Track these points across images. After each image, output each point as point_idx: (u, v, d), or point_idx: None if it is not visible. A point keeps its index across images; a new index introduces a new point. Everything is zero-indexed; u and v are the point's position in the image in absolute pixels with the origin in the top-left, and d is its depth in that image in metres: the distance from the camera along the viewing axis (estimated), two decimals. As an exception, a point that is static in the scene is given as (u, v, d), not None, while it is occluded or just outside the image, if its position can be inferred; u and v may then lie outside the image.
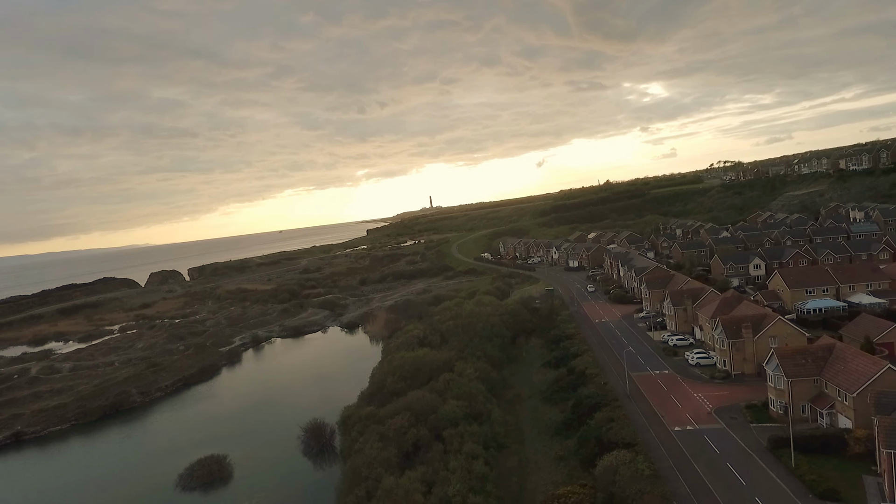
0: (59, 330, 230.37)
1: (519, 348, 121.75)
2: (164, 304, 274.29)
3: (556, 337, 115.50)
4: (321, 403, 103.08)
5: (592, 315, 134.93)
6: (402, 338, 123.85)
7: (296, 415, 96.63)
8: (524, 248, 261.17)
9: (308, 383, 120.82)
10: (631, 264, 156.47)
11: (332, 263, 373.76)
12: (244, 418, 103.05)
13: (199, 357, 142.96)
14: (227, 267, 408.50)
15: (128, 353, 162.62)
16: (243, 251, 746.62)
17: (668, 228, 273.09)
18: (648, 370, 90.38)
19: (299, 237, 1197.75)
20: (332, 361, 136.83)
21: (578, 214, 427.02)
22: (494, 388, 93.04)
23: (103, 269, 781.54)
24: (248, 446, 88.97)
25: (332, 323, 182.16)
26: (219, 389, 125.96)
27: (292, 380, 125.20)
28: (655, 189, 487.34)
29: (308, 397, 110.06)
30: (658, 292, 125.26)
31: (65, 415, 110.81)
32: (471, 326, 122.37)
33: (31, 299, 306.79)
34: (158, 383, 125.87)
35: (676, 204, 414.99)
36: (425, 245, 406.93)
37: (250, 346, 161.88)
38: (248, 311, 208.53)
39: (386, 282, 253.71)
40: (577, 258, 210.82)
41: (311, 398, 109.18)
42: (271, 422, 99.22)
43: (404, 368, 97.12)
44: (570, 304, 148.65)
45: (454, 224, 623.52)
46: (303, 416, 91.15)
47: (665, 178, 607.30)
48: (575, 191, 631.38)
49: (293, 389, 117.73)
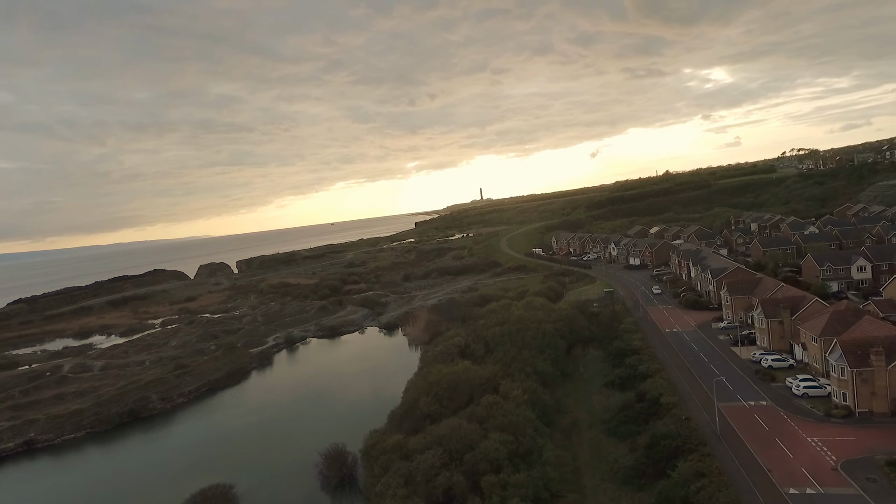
0: (104, 322, 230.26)
1: (575, 361, 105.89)
2: (208, 298, 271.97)
3: (620, 350, 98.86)
4: (347, 420, 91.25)
5: (661, 323, 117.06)
6: (441, 345, 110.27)
7: (317, 434, 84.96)
8: (579, 243, 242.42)
9: (336, 394, 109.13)
10: (704, 264, 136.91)
11: (376, 257, 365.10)
12: (260, 436, 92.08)
13: (227, 359, 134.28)
14: (275, 260, 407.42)
15: (160, 351, 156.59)
16: (294, 243, 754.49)
17: (740, 222, 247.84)
18: (740, 400, 72.84)
19: (350, 229, 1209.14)
20: (366, 368, 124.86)
21: (637, 207, 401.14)
22: (547, 414, 78.01)
23: (165, 260, 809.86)
24: (260, 473, 77.58)
25: (370, 323, 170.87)
26: (242, 398, 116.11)
27: (320, 389, 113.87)
28: (722, 179, 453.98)
29: (333, 412, 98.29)
30: (742, 299, 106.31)
31: (80, 422, 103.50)
32: (519, 335, 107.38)
33: (84, 290, 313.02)
34: (181, 388, 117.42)
35: (747, 195, 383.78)
36: (473, 239, 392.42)
37: (284, 346, 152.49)
38: (286, 308, 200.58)
39: (430, 278, 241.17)
40: (640, 255, 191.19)
41: (336, 413, 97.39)
42: (289, 442, 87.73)
43: (441, 386, 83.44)
44: (633, 308, 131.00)
45: (504, 217, 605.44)
46: (325, 437, 79.15)
47: (732, 167, 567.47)
48: (632, 182, 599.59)
49: (319, 400, 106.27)
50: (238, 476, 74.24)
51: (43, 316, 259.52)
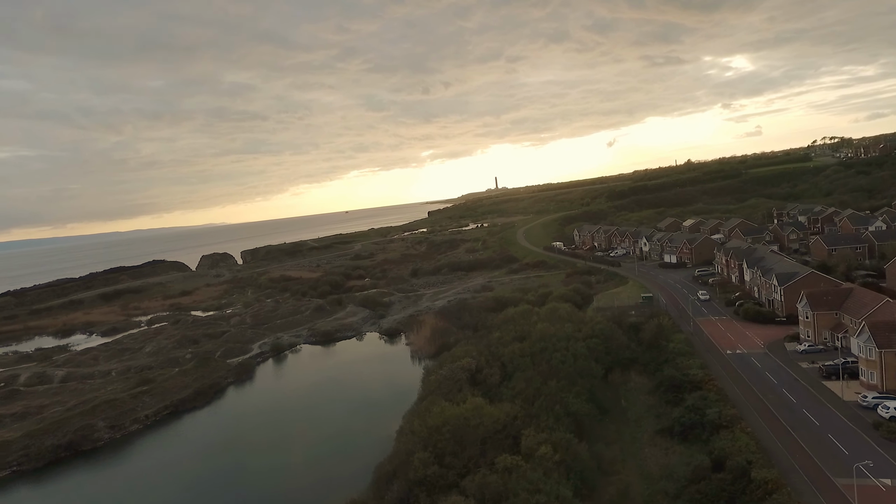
0: (90, 319, 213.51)
1: (614, 390, 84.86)
2: (204, 292, 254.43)
3: (675, 381, 77.41)
4: (325, 467, 71.82)
5: (719, 341, 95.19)
6: (447, 366, 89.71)
7: (286, 490, 65.53)
8: (605, 237, 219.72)
9: (318, 426, 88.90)
10: (764, 266, 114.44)
11: (385, 249, 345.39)
12: (214, 482, 72.65)
13: (199, 373, 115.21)
14: (280, 250, 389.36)
15: (132, 358, 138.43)
16: (307, 232, 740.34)
17: (784, 215, 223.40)
18: (869, 476, 50.76)
19: (364, 217, 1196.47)
20: (357, 388, 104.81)
21: (662, 197, 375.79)
22: (586, 480, 57.37)
23: (179, 247, 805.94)
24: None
25: (370, 327, 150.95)
26: (205, 426, 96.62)
27: (300, 417, 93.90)
28: (753, 168, 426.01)
29: (311, 454, 78.43)
30: (828, 315, 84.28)
31: (5, 458, 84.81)
32: (544, 356, 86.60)
33: (77, 283, 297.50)
34: (138, 412, 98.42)
35: (782, 185, 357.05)
36: (488, 230, 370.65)
37: (269, 355, 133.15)
38: (280, 308, 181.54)
39: (440, 273, 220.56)
40: (676, 252, 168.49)
41: (314, 456, 77.55)
42: (248, 493, 68.17)
43: (443, 435, 63.01)
44: (679, 319, 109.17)
45: (520, 206, 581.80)
46: (295, 495, 59.67)
47: (763, 156, 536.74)
48: (656, 170, 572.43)
49: (296, 437, 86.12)
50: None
51: (29, 310, 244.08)
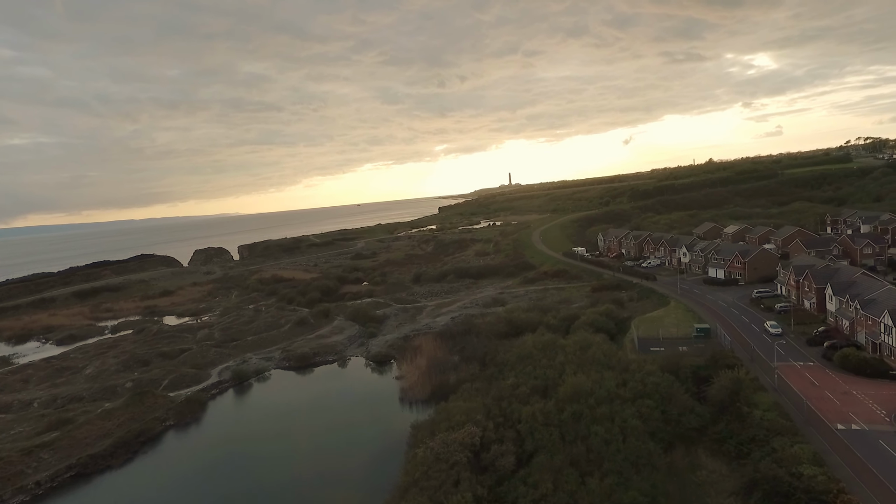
0: (52, 323, 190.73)
1: (678, 477, 58.90)
2: (186, 293, 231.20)
3: (779, 486, 51.14)
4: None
5: (817, 403, 68.33)
6: (440, 438, 64.16)
7: None
8: (634, 243, 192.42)
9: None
10: (860, 295, 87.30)
11: (389, 247, 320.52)
12: None
13: (129, 412, 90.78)
14: (279, 246, 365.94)
15: (67, 383, 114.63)
16: (316, 225, 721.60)
17: (841, 222, 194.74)
18: None
19: (375, 211, 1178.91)
20: (324, 444, 79.50)
21: (690, 198, 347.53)
22: None
23: (191, 237, 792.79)
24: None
25: (355, 350, 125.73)
26: (120, 495, 72.03)
27: (237, 489, 68.88)
28: (790, 169, 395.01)
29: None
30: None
31: None
32: (578, 427, 60.96)
33: (54, 278, 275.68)
34: (27, 476, 74.06)
35: (824, 188, 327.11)
36: (500, 230, 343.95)
37: (228, 385, 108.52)
38: (258, 319, 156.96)
39: (446, 281, 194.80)
40: (725, 265, 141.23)
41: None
42: None
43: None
44: (748, 361, 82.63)
45: (534, 204, 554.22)
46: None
47: (801, 155, 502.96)
48: (681, 169, 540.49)
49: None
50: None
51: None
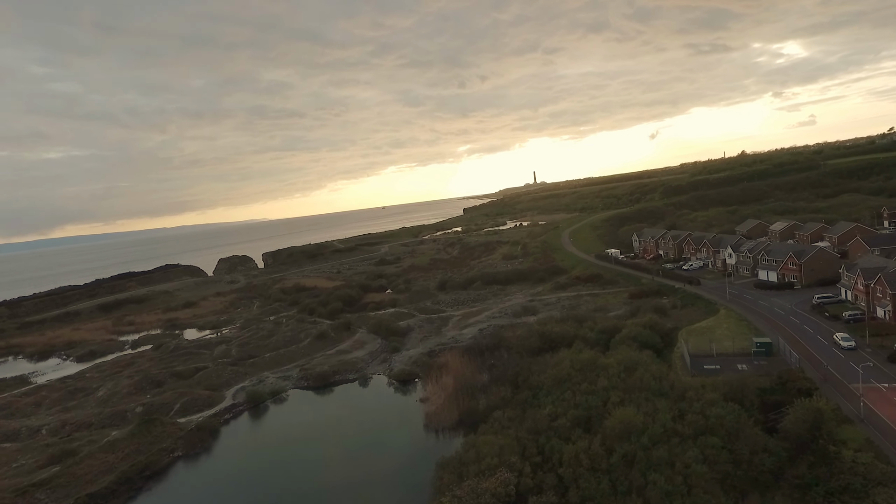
0: (74, 338, 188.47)
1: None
2: (209, 304, 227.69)
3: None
4: None
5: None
6: (469, 484, 55.74)
7: None
8: (673, 244, 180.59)
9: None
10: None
11: (414, 252, 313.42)
12: None
13: (135, 443, 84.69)
14: (302, 253, 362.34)
15: (78, 406, 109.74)
16: (341, 229, 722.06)
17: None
18: None
19: (400, 213, 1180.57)
20: (342, 486, 71.81)
21: (727, 193, 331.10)
22: None
23: (220, 243, 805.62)
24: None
25: (377, 367, 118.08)
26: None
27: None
28: (833, 160, 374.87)
29: None
30: None
31: None
32: (632, 473, 51.72)
33: (80, 290, 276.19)
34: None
35: (872, 178, 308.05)
36: (528, 231, 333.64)
37: (243, 408, 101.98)
38: (277, 332, 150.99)
39: (472, 288, 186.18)
40: (778, 267, 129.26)
41: None
42: None
43: None
44: (820, 382, 71.96)
45: (562, 203, 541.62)
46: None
47: (842, 144, 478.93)
48: (714, 162, 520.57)
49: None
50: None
51: (20, 323, 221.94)
